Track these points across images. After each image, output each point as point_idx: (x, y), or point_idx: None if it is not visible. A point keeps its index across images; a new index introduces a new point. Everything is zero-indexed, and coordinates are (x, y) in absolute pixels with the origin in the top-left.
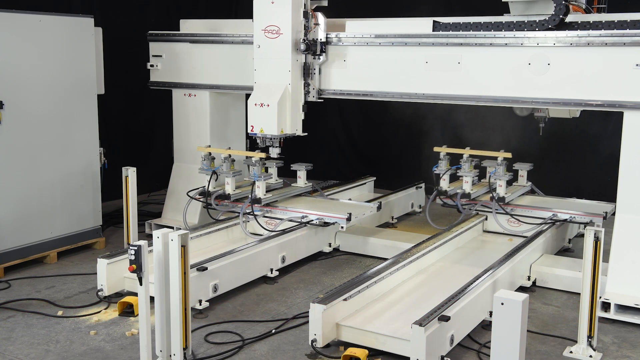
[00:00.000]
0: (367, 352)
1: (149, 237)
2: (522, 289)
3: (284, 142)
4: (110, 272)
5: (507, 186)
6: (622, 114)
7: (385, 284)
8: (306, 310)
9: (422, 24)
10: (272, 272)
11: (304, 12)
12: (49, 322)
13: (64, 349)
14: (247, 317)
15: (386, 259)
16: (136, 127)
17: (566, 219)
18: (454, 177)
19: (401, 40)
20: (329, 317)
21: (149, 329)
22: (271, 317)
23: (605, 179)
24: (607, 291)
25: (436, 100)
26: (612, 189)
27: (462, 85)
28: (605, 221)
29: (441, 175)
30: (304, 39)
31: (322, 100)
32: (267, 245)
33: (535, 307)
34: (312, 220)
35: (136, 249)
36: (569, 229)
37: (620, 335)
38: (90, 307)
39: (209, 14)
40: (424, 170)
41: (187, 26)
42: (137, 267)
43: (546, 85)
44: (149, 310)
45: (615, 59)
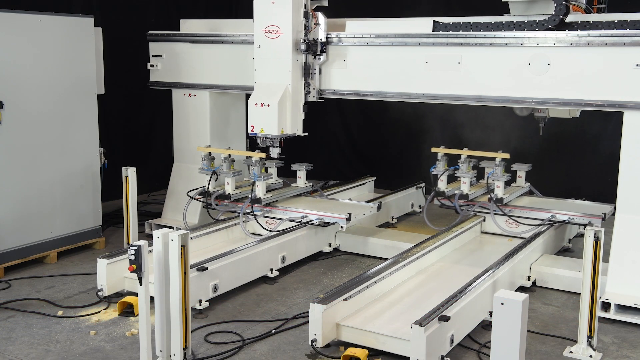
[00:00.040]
0: (367, 352)
1: (149, 237)
2: (522, 289)
3: (284, 142)
4: (110, 272)
5: (506, 187)
6: (622, 114)
7: (385, 284)
8: (306, 310)
9: (422, 24)
10: (272, 272)
11: (304, 12)
12: (49, 322)
13: (64, 349)
14: (247, 317)
15: (386, 259)
16: (136, 127)
17: (564, 220)
18: (453, 178)
19: (401, 40)
20: (329, 317)
21: (149, 329)
22: (271, 317)
23: (605, 179)
24: (607, 291)
25: (436, 100)
26: (612, 189)
27: (462, 85)
28: (604, 222)
29: (439, 176)
30: (304, 39)
31: (322, 100)
32: (267, 245)
33: (535, 307)
34: (312, 220)
35: (136, 249)
36: (568, 229)
37: (620, 335)
38: (90, 307)
39: (209, 14)
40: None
41: (187, 26)
42: (137, 267)
43: (546, 85)
44: (149, 310)
45: (615, 59)
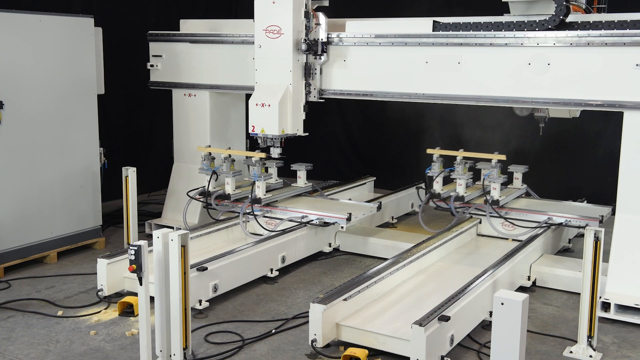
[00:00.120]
0: (367, 352)
1: (149, 237)
2: (522, 289)
3: (284, 142)
4: (110, 272)
5: (502, 189)
6: (622, 114)
7: (385, 284)
8: (306, 310)
9: (422, 24)
10: (272, 272)
11: (305, 12)
12: (49, 322)
13: (64, 349)
14: (247, 317)
15: (386, 259)
16: (136, 127)
17: (561, 223)
18: (449, 180)
19: (401, 40)
20: (329, 317)
21: (149, 329)
22: (271, 317)
23: (605, 179)
24: (607, 291)
25: (436, 100)
26: (612, 189)
27: (462, 85)
28: (601, 224)
29: (434, 177)
30: (305, 39)
31: (323, 100)
32: (267, 245)
33: (535, 307)
34: (312, 220)
35: (136, 249)
36: (568, 229)
37: (620, 335)
38: (90, 307)
39: (209, 14)
40: (424, 170)
41: (187, 26)
42: (137, 267)
43: (546, 85)
44: (149, 310)
45: (615, 59)
